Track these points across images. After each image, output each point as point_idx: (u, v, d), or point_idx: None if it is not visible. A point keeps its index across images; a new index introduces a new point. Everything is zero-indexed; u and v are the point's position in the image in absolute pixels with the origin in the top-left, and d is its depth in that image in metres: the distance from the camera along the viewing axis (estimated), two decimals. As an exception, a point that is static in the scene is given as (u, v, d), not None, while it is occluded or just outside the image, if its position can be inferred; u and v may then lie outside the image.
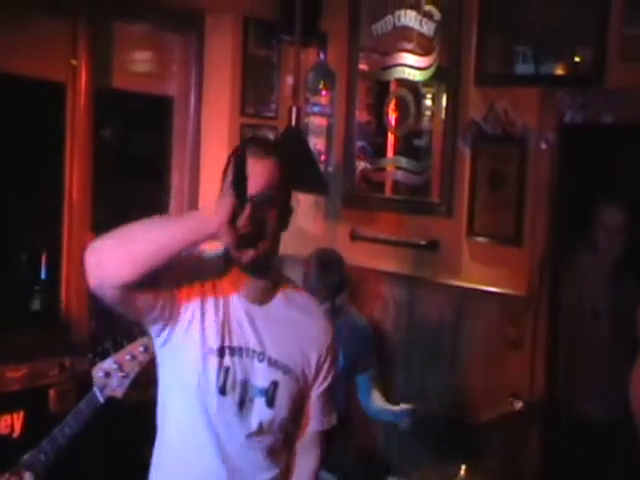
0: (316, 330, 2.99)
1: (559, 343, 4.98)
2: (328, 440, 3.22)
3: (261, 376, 2.84)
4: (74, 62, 4.93)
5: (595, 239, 5.06)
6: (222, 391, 2.78)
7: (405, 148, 5.50)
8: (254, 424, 2.86)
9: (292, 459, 3.08)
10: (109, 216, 5.14)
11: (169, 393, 2.94)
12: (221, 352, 2.79)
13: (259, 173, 2.70)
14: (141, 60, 5.56)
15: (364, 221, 5.60)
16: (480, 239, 5.10)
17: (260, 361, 2.85)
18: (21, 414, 4.50)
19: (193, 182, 5.64)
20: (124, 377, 3.36)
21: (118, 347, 3.40)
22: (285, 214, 2.81)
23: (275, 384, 2.85)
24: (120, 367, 3.35)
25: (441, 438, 4.86)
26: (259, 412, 2.86)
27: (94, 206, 5.11)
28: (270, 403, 2.85)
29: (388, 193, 5.62)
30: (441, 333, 5.25)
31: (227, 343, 2.80)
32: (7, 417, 4.46)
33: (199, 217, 2.74)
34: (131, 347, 3.36)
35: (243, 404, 2.84)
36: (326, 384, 2.99)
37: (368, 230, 5.55)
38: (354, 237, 5.49)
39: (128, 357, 3.37)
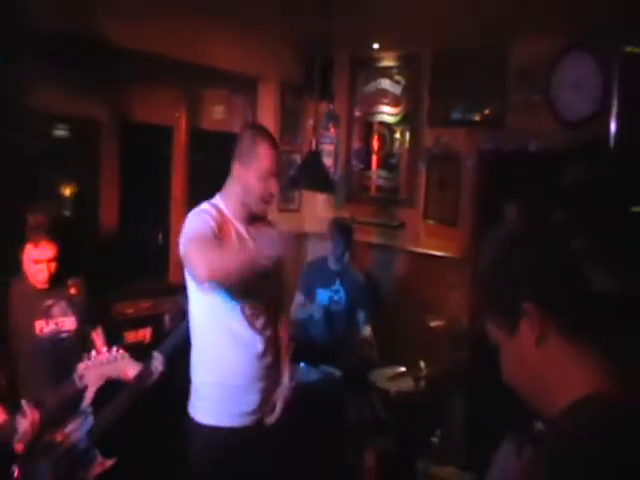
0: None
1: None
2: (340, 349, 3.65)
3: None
4: (177, 114, 5.28)
5: (501, 222, 5.13)
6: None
7: (384, 164, 5.80)
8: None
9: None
10: None
11: (203, 299, 3.02)
12: None
13: (275, 156, 3.06)
14: (218, 110, 5.76)
15: (358, 210, 5.81)
16: (431, 222, 5.41)
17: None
18: (149, 329, 4.82)
19: None
20: None
21: None
22: None
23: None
24: None
25: (408, 346, 5.08)
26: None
27: (189, 204, 4.89)
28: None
29: (373, 192, 5.89)
30: (407, 281, 5.52)
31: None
32: (142, 330, 4.78)
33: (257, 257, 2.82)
34: None
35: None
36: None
37: (361, 216, 5.74)
38: (352, 220, 5.52)
39: None
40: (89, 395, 3.17)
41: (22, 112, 4.22)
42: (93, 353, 3.05)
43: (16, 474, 2.93)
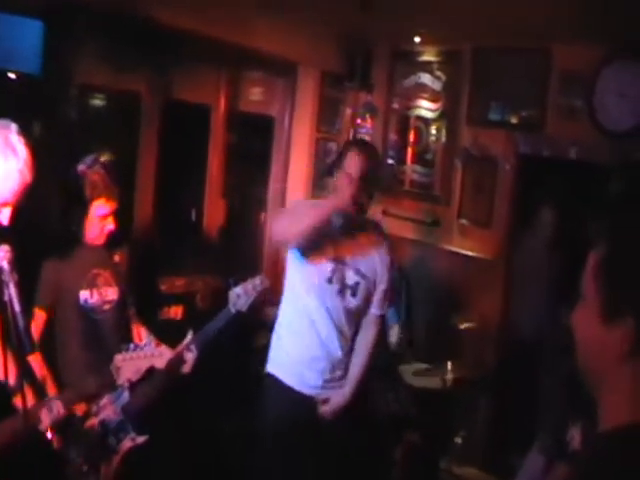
0: (381, 258, 3.56)
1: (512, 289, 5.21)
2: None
3: (350, 278, 3.49)
4: (216, 94, 5.32)
5: (536, 226, 5.20)
6: (330, 281, 3.47)
7: (419, 159, 5.79)
8: (344, 306, 3.50)
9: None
10: (233, 189, 5.55)
11: (294, 285, 3.57)
12: (333, 260, 3.47)
13: (362, 165, 3.35)
14: (257, 93, 5.78)
15: (392, 204, 5.73)
16: (465, 221, 5.42)
17: (350, 268, 3.49)
18: (181, 307, 4.87)
19: (284, 169, 5.85)
20: (247, 299, 3.56)
21: (244, 280, 3.62)
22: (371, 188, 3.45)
23: (357, 283, 3.51)
24: (245, 292, 3.57)
25: (436, 344, 5.18)
26: (348, 299, 3.51)
27: (224, 182, 5.46)
28: (353, 294, 3.52)
29: (407, 187, 5.86)
30: (439, 280, 5.46)
31: (336, 257, 3.48)
32: (174, 308, 4.84)
33: (332, 202, 3.42)
34: (252, 280, 3.61)
35: (340, 292, 3.49)
36: (382, 287, 3.58)
37: (394, 210, 5.70)
38: (385, 214, 5.51)
39: (250, 286, 3.58)
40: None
41: (67, 84, 4.27)
42: (132, 346, 3.03)
43: (50, 435, 2.93)
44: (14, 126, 2.57)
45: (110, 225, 3.42)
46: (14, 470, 2.67)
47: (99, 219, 3.38)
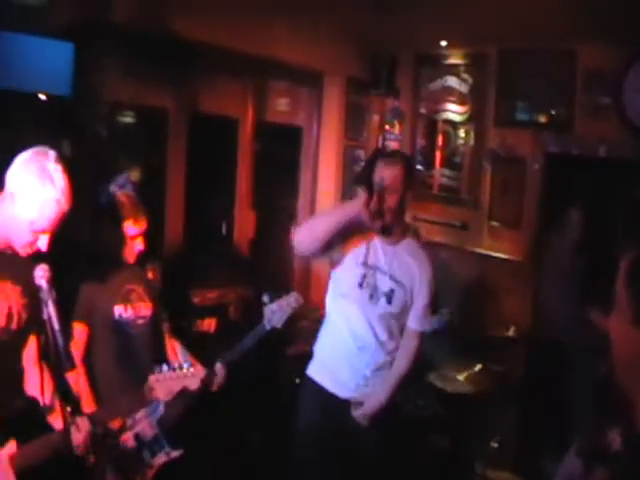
0: (419, 268, 3.47)
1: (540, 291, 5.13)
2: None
3: (385, 284, 3.43)
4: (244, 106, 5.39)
5: (564, 228, 5.08)
6: (360, 285, 3.42)
7: (447, 163, 5.80)
8: (379, 312, 3.43)
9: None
10: (262, 200, 5.59)
11: (334, 287, 3.57)
12: (364, 265, 3.42)
13: (386, 175, 3.32)
14: (283, 103, 5.81)
15: (421, 208, 5.68)
16: (495, 223, 5.41)
17: (384, 275, 3.43)
18: (214, 319, 4.84)
19: (313, 179, 5.92)
20: (282, 315, 3.58)
21: (279, 297, 3.64)
22: (404, 199, 3.37)
23: (392, 290, 3.43)
24: (280, 309, 3.58)
25: (466, 349, 4.92)
26: (382, 305, 3.44)
27: (254, 194, 5.51)
28: (389, 301, 3.43)
29: (435, 191, 5.87)
30: (468, 283, 5.40)
31: (368, 261, 3.42)
32: (208, 320, 4.81)
33: (347, 206, 3.43)
34: (287, 297, 3.62)
35: (372, 297, 3.42)
36: (422, 301, 3.48)
37: (423, 214, 5.66)
38: (415, 219, 5.48)
39: (284, 303, 3.60)
40: None
41: (97, 103, 4.35)
42: (165, 367, 2.98)
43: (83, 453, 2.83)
44: (52, 153, 2.58)
45: (140, 245, 3.45)
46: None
47: (129, 239, 3.42)
